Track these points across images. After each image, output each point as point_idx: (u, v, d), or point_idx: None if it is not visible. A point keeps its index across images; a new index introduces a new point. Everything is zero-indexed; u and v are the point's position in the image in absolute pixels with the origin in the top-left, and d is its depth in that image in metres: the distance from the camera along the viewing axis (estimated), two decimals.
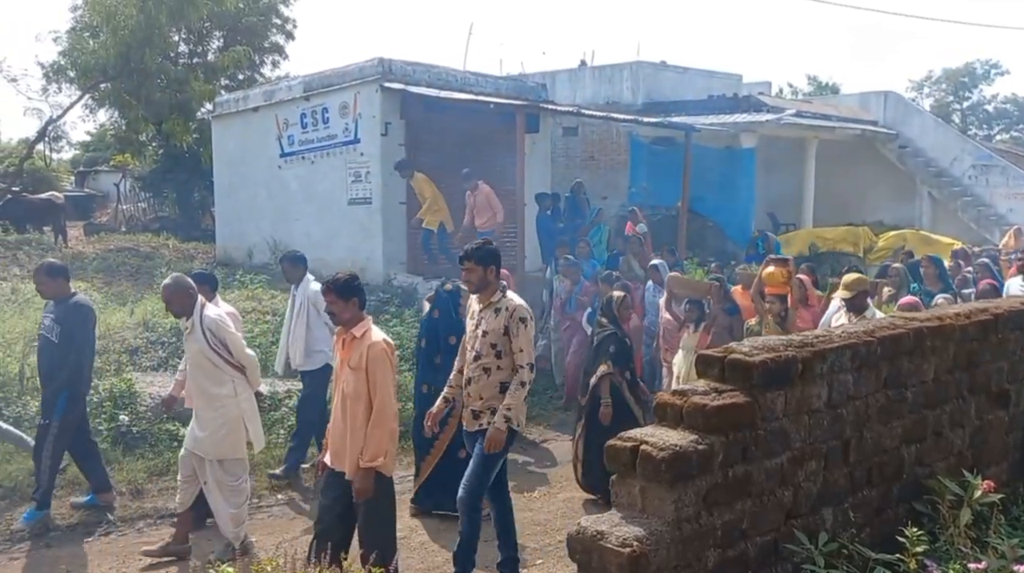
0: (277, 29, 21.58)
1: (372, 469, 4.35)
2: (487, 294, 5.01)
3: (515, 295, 5.09)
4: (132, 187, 22.28)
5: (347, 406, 4.42)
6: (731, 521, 2.60)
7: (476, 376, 4.99)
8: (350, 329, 4.48)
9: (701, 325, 7.89)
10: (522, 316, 4.93)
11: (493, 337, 4.93)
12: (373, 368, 4.35)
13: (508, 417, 4.85)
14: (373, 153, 12.15)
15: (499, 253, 5.09)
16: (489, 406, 4.96)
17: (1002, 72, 39.79)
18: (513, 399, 4.86)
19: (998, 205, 17.78)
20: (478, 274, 4.98)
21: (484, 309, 5.03)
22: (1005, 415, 3.74)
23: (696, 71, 19.85)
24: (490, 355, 4.94)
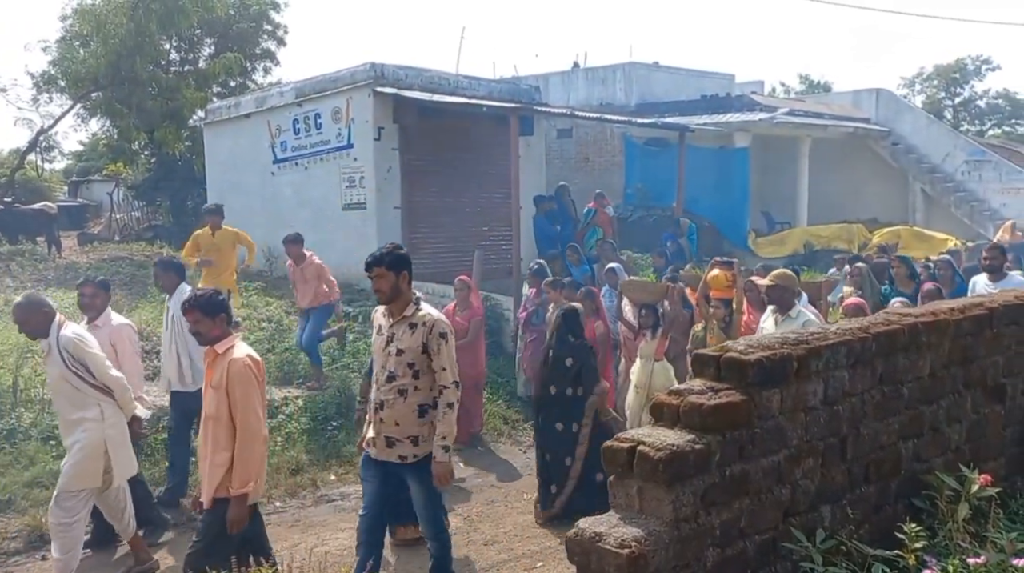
0: (268, 35, 21.60)
1: (244, 496, 4.09)
2: (399, 305, 4.49)
3: (431, 307, 4.61)
4: (125, 196, 22.24)
5: (209, 428, 4.17)
6: (729, 520, 2.59)
7: (390, 399, 4.46)
8: (214, 346, 4.25)
9: (658, 331, 7.58)
10: (442, 331, 4.45)
11: (410, 355, 4.42)
12: (233, 386, 4.08)
13: (447, 446, 4.42)
14: (366, 158, 12.14)
15: (409, 258, 4.62)
16: (407, 433, 4.47)
17: (993, 68, 39.94)
18: (446, 426, 4.41)
19: (991, 200, 17.83)
20: (389, 281, 4.45)
21: (397, 323, 4.50)
22: (1001, 409, 3.73)
23: (689, 71, 19.90)
24: (407, 376, 4.43)
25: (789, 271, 6.51)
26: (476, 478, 7.58)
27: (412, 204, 12.47)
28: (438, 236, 12.85)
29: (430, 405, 4.47)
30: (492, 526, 6.34)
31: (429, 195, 12.71)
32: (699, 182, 15.04)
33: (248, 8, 20.78)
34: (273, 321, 10.56)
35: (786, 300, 6.04)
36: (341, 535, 6.18)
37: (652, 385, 7.47)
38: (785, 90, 37.97)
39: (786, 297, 6.05)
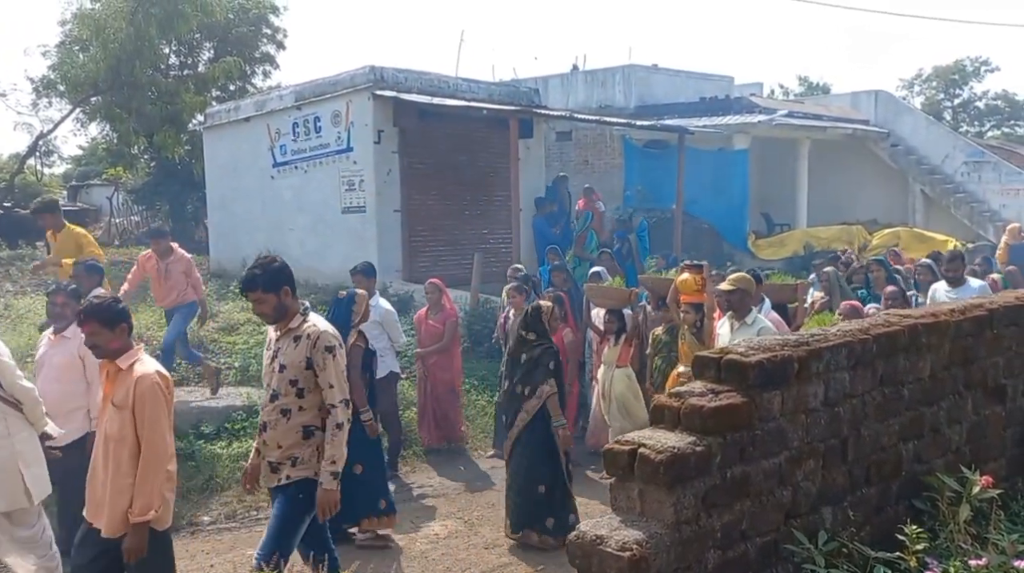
0: (268, 39, 21.57)
1: (145, 524, 3.72)
2: (286, 319, 4.13)
3: (320, 318, 4.22)
4: (125, 200, 22.22)
5: (110, 450, 3.80)
6: (730, 522, 2.59)
7: (273, 420, 4.10)
8: (115, 360, 3.86)
9: (622, 337, 7.46)
10: (328, 344, 4.05)
11: (293, 372, 4.04)
12: (142, 405, 3.74)
13: (335, 472, 4.01)
14: (366, 162, 12.15)
15: (287, 268, 4.20)
16: (291, 456, 4.08)
17: (992, 69, 39.90)
18: (334, 449, 4.00)
19: (991, 201, 17.84)
20: (270, 304, 4.07)
21: (282, 337, 4.13)
22: (1002, 410, 3.73)
23: (688, 74, 19.92)
24: (290, 394, 4.06)
25: (748, 275, 6.41)
26: (477, 481, 7.57)
27: (412, 207, 12.47)
28: (438, 239, 12.85)
29: (317, 427, 4.08)
30: (493, 530, 6.33)
31: (429, 198, 12.71)
32: (699, 184, 15.05)
33: (247, 12, 20.78)
34: None
35: (745, 305, 5.97)
36: None
37: (612, 392, 7.39)
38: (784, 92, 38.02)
39: (745, 302, 5.98)
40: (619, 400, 7.35)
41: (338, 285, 12.15)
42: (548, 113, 13.89)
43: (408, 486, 7.41)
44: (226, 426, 7.75)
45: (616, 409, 7.35)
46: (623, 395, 7.35)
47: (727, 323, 6.08)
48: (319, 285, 12.27)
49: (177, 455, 7.27)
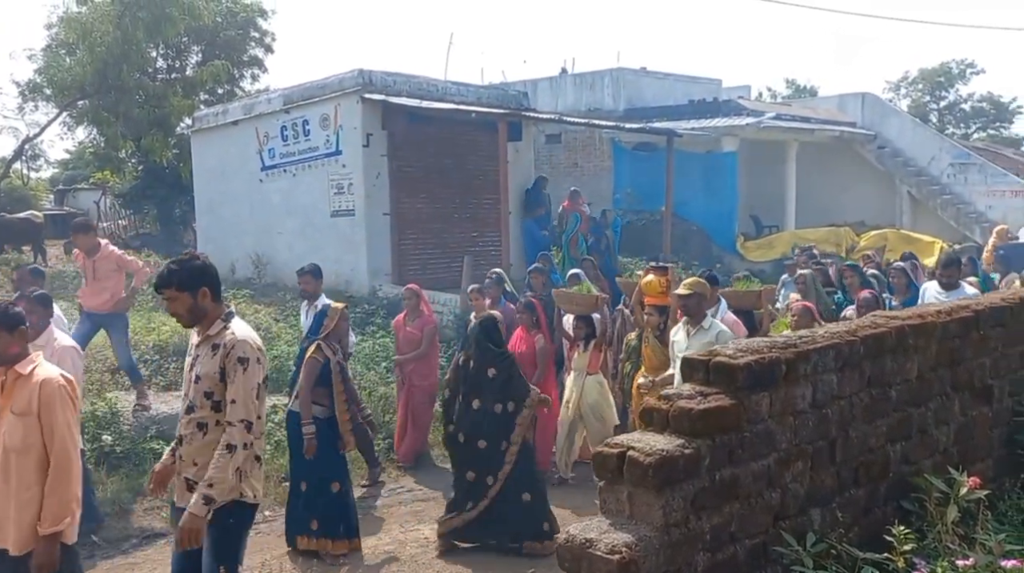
0: (256, 43, 21.56)
1: (56, 536, 3.52)
2: (205, 323, 3.73)
3: (242, 325, 3.77)
4: (112, 204, 22.13)
5: (11, 462, 3.57)
6: (719, 524, 2.59)
7: (189, 434, 3.71)
8: (14, 366, 3.64)
9: (591, 343, 7.28)
10: (242, 355, 3.61)
11: (208, 382, 3.64)
12: (50, 410, 3.54)
13: (209, 497, 3.52)
14: (355, 165, 12.13)
15: (210, 268, 3.81)
16: None
17: (977, 71, 40.20)
18: (219, 472, 3.54)
19: (977, 202, 17.97)
20: (185, 303, 3.68)
21: (201, 344, 3.74)
22: (989, 411, 3.75)
23: (676, 77, 20.00)
24: (206, 407, 3.67)
25: (703, 279, 6.34)
26: None
27: (401, 210, 12.46)
28: (427, 242, 12.84)
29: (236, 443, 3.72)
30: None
31: (418, 201, 12.71)
32: (687, 186, 15.11)
33: (236, 16, 20.75)
34: (262, 328, 10.50)
35: (701, 310, 5.88)
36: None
37: (583, 400, 7.22)
38: (772, 95, 38.21)
39: (701, 307, 5.90)
40: (593, 407, 7.23)
41: (328, 289, 12.14)
42: (537, 116, 13.92)
43: (395, 491, 7.38)
44: None
45: (593, 417, 7.23)
46: (597, 403, 7.24)
47: (682, 329, 5.95)
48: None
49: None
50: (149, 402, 8.00)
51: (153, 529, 6.38)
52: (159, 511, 6.69)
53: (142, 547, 6.14)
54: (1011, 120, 39.33)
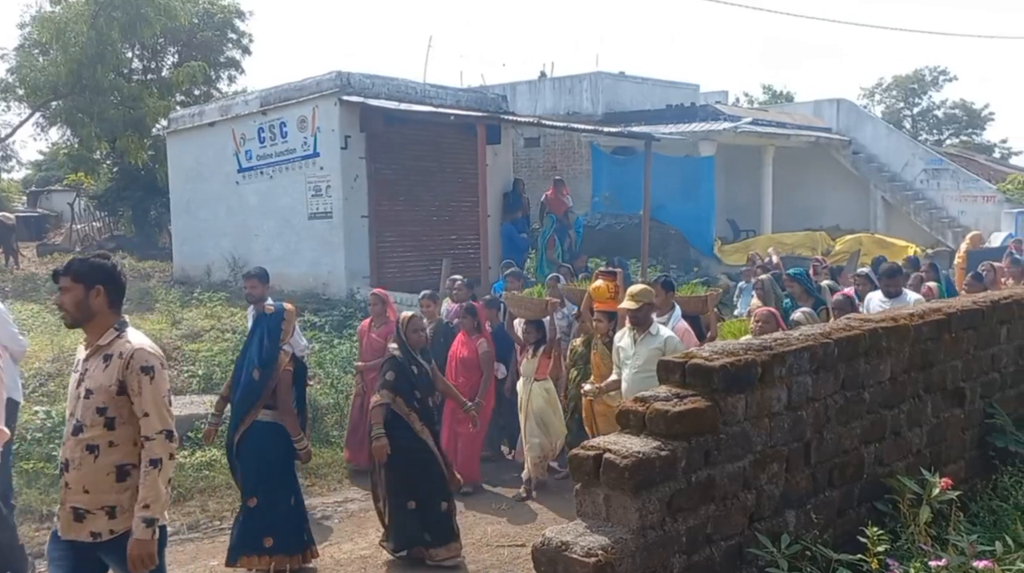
0: (233, 44, 21.40)
1: None
2: (95, 332, 3.42)
3: (138, 334, 3.49)
4: (87, 206, 21.85)
5: None
6: (695, 526, 2.60)
7: (77, 458, 3.36)
8: None
9: (541, 348, 7.12)
10: (145, 364, 3.35)
11: (102, 397, 3.34)
12: None
13: (150, 518, 3.27)
14: (333, 167, 12.07)
15: (113, 271, 3.48)
16: (104, 505, 3.36)
17: (950, 78, 40.87)
18: (150, 490, 3.28)
19: (950, 207, 18.23)
20: (75, 296, 3.38)
21: (91, 356, 3.43)
22: (961, 413, 3.80)
23: (654, 81, 20.10)
24: (98, 426, 3.34)
25: (648, 287, 6.23)
26: None
27: (379, 213, 12.41)
28: (405, 245, 12.80)
29: (134, 465, 3.35)
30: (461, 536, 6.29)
31: (396, 204, 12.67)
32: (666, 190, 15.18)
33: (212, 17, 20.58)
34: (238, 331, 10.42)
35: (648, 318, 5.87)
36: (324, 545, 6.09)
37: (530, 407, 7.06)
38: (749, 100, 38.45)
39: (650, 316, 5.89)
40: (537, 414, 7.05)
41: (305, 291, 12.08)
42: (516, 119, 13.92)
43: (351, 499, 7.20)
44: (188, 435, 7.62)
45: (535, 424, 7.06)
46: (542, 410, 7.08)
47: (628, 335, 5.88)
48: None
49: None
50: None
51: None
52: None
53: None
54: (983, 127, 39.95)
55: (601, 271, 7.48)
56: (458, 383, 7.18)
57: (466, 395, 7.06)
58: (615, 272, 7.16)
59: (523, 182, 14.30)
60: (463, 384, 7.19)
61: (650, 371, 5.53)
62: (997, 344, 4.02)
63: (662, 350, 5.55)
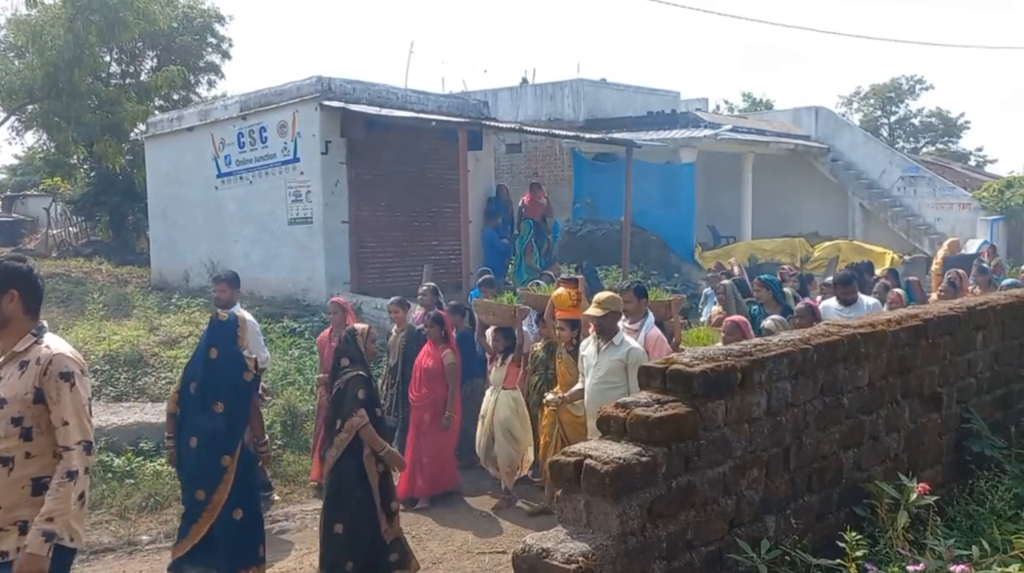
0: (213, 48, 21.27)
1: None
2: (9, 338, 3.29)
3: (57, 339, 3.35)
4: (63, 211, 21.62)
5: None
6: (676, 532, 2.60)
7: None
8: None
9: (510, 356, 6.97)
10: (64, 370, 3.19)
11: (17, 406, 3.17)
12: None
13: (50, 532, 3.06)
14: (313, 172, 12.01)
15: (28, 274, 3.32)
16: (15, 519, 3.15)
17: (927, 87, 41.40)
18: (59, 502, 3.08)
19: (926, 215, 18.44)
20: None
21: (5, 364, 3.29)
22: (938, 418, 3.83)
23: (635, 88, 20.20)
24: (12, 437, 3.18)
25: (615, 295, 6.06)
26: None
27: (360, 218, 12.36)
28: (386, 250, 12.75)
29: (52, 478, 3.16)
30: (441, 544, 6.27)
31: (377, 209, 12.62)
32: (647, 196, 15.25)
33: (192, 21, 20.45)
34: None
35: (613, 326, 5.75)
36: (284, 559, 6.04)
37: (495, 416, 6.92)
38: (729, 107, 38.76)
39: (614, 323, 5.78)
40: (503, 424, 6.89)
41: (285, 297, 12.01)
42: (497, 125, 13.93)
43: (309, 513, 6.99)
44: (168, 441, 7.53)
45: (501, 435, 6.89)
46: (508, 420, 6.91)
47: (592, 343, 5.80)
48: (264, 297, 12.08)
49: (115, 473, 7.11)
50: None
51: (100, 543, 6.21)
52: (106, 525, 6.52)
53: (88, 562, 5.97)
54: (959, 135, 40.46)
55: (563, 278, 7.32)
56: (422, 394, 7.13)
57: (430, 406, 7.08)
58: (577, 279, 7.07)
59: (507, 188, 14.31)
60: (427, 395, 7.12)
61: (610, 382, 5.59)
62: (973, 350, 4.06)
63: (624, 362, 5.54)
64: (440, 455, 7.20)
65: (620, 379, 5.56)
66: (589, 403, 5.69)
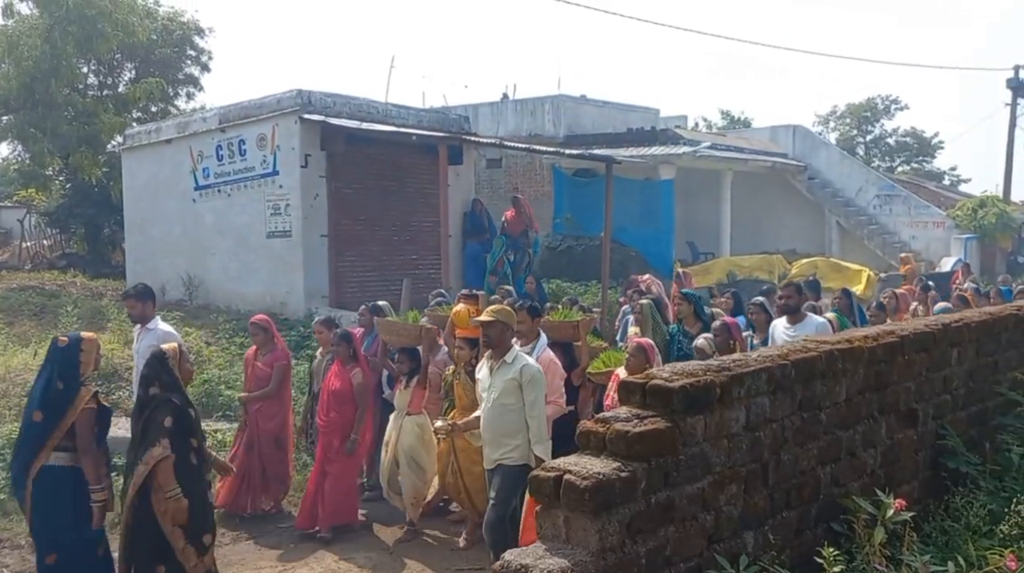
0: (192, 61, 21.21)
1: None
2: None
3: None
4: (37, 223, 21.36)
5: None
6: (655, 548, 2.59)
7: None
8: None
9: (415, 379, 6.52)
10: None
11: None
12: None
13: None
14: (292, 185, 11.96)
15: None
16: None
17: (901, 107, 41.87)
18: None
19: (901, 232, 18.69)
20: None
21: None
22: (914, 434, 3.85)
23: (615, 105, 20.35)
24: None
25: (509, 309, 5.58)
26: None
27: (339, 232, 12.32)
28: (366, 265, 12.71)
29: None
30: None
31: (357, 223, 12.58)
32: (626, 212, 15.33)
33: (171, 33, 20.38)
34: (192, 351, 10.21)
35: (504, 342, 5.24)
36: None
37: (399, 444, 6.44)
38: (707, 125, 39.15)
39: (505, 338, 5.25)
40: (408, 453, 6.42)
41: (262, 311, 11.89)
42: (478, 140, 13.96)
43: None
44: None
45: (406, 464, 6.43)
46: (413, 448, 6.44)
47: (486, 364, 5.34)
48: (242, 311, 11.97)
49: None
50: None
51: None
52: None
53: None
54: (933, 154, 41.08)
55: (463, 294, 6.94)
56: (331, 418, 6.57)
57: (339, 431, 6.54)
58: (477, 295, 6.75)
59: (481, 202, 14.32)
60: (336, 419, 6.55)
61: (505, 404, 5.11)
62: (948, 366, 4.10)
63: (517, 381, 5.11)
64: (342, 483, 6.59)
65: (515, 400, 5.13)
66: (484, 429, 5.28)
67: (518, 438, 5.14)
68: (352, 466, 6.77)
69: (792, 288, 6.67)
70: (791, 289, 6.63)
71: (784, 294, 6.61)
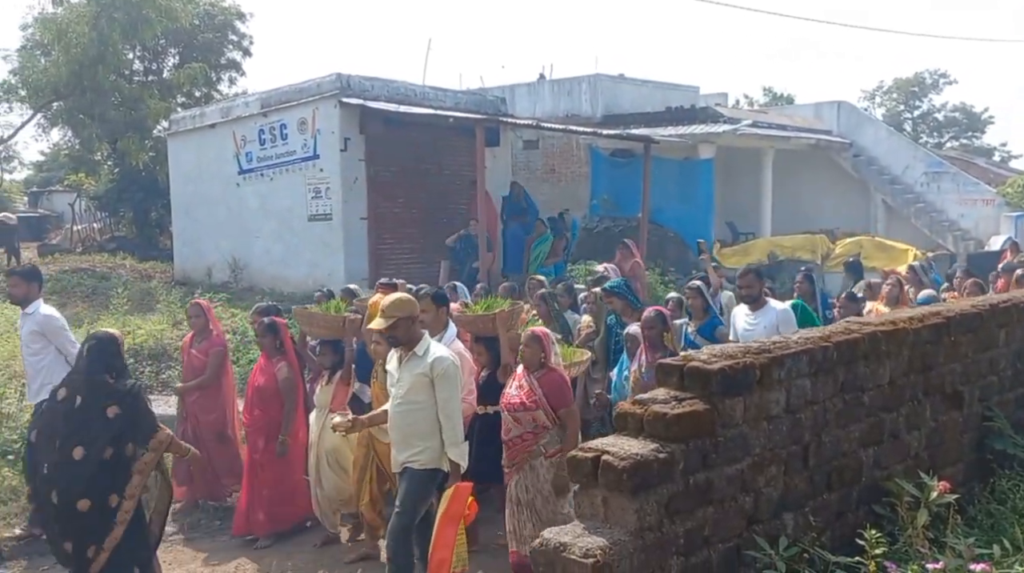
0: (234, 46, 21.44)
1: None
2: None
3: None
4: (87, 207, 21.88)
5: None
6: (693, 528, 2.60)
7: None
8: None
9: (338, 374, 5.95)
10: None
11: None
12: None
13: None
14: (333, 169, 12.09)
15: None
16: None
17: (950, 82, 40.94)
18: None
19: (949, 211, 18.23)
20: None
21: None
22: (959, 416, 3.80)
23: (654, 83, 20.09)
24: None
25: (405, 297, 4.96)
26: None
27: (378, 214, 12.43)
28: (404, 247, 12.81)
29: None
30: None
31: (395, 205, 12.69)
32: (664, 193, 15.17)
33: (213, 18, 20.62)
34: (238, 332, 10.43)
35: (412, 335, 4.68)
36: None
37: (320, 444, 5.90)
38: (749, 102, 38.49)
39: (411, 331, 4.68)
40: (331, 453, 5.91)
41: (304, 293, 12.09)
42: (514, 122, 13.94)
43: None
44: None
45: (327, 465, 5.91)
46: (337, 448, 5.89)
47: (395, 357, 4.80)
48: (285, 293, 12.17)
49: None
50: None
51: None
52: None
53: None
54: (983, 130, 40.02)
55: (381, 283, 6.43)
56: (255, 416, 6.12)
57: (263, 430, 6.07)
58: (395, 284, 6.35)
59: (519, 184, 14.28)
60: (260, 417, 6.09)
61: (413, 402, 4.57)
62: (996, 348, 4.03)
63: (428, 375, 4.56)
64: (281, 486, 6.10)
65: (426, 398, 4.57)
66: (391, 428, 4.73)
67: (428, 440, 4.58)
68: (289, 469, 6.14)
69: (751, 276, 6.10)
70: (750, 277, 6.09)
71: (743, 283, 6.10)
